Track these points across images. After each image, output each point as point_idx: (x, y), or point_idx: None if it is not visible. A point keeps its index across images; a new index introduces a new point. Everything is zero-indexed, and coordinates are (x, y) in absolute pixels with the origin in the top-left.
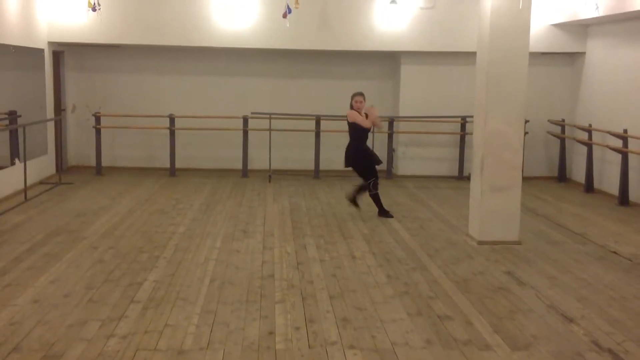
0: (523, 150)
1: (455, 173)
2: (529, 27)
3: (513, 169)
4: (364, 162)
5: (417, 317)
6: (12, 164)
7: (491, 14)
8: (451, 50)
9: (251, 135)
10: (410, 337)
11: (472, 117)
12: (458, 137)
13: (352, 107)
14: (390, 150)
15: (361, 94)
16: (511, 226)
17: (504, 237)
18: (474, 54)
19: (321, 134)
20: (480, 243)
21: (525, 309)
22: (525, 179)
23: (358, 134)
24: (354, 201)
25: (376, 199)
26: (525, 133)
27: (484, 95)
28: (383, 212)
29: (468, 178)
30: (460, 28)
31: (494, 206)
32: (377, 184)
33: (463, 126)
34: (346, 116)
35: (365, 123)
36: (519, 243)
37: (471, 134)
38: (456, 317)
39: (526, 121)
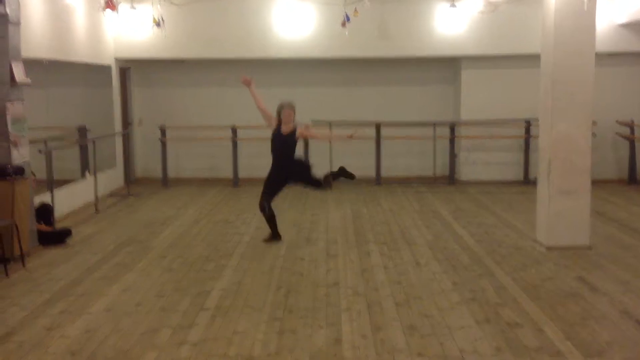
0: (591, 153)
1: (520, 177)
2: (595, 27)
3: (581, 172)
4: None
5: (485, 324)
6: (83, 177)
7: (555, 15)
8: (513, 53)
9: (312, 143)
10: (479, 344)
11: (536, 120)
12: (522, 140)
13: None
14: (453, 156)
15: (291, 107)
16: (581, 230)
17: (573, 242)
18: (536, 56)
19: (382, 140)
20: (549, 248)
21: (598, 315)
22: (593, 182)
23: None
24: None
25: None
26: (593, 135)
27: (549, 98)
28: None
29: (534, 182)
30: (521, 30)
31: (563, 210)
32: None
33: (527, 129)
34: (294, 131)
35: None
36: (589, 248)
37: (536, 137)
38: (526, 324)
39: (593, 123)
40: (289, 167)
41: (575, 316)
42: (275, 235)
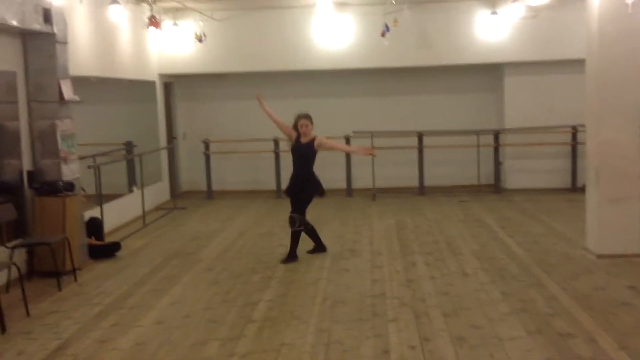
0: None
1: (568, 185)
2: None
3: (631, 179)
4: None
5: (536, 335)
6: (131, 191)
7: (599, 19)
8: (557, 58)
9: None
10: (531, 355)
11: (583, 126)
12: (569, 147)
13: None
14: (497, 164)
15: (307, 117)
16: (632, 238)
17: (625, 249)
18: (581, 61)
19: (424, 149)
20: (600, 257)
21: None
22: None
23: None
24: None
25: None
26: None
27: (595, 103)
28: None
29: (582, 189)
30: (565, 35)
31: (613, 218)
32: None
33: (574, 136)
34: (313, 141)
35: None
36: None
37: (583, 143)
38: (578, 335)
39: None
40: (305, 179)
41: (628, 326)
42: (319, 247)
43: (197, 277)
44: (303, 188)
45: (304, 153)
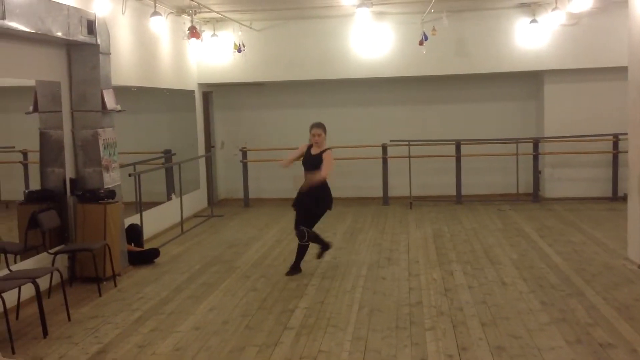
0: None
1: (609, 194)
2: None
3: None
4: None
5: (577, 345)
6: (169, 199)
7: None
8: (598, 66)
9: (390, 162)
10: None
11: (625, 134)
12: (610, 156)
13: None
14: (536, 172)
15: (320, 126)
16: None
17: None
18: (623, 68)
19: (462, 158)
20: None
21: None
22: None
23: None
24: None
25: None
26: None
27: (638, 111)
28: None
29: (623, 198)
30: (606, 42)
31: None
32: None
33: (615, 144)
34: (321, 153)
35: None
36: None
37: (625, 152)
38: (620, 345)
39: None
40: (318, 193)
41: None
42: (325, 246)
43: (234, 284)
44: (317, 203)
45: (316, 165)
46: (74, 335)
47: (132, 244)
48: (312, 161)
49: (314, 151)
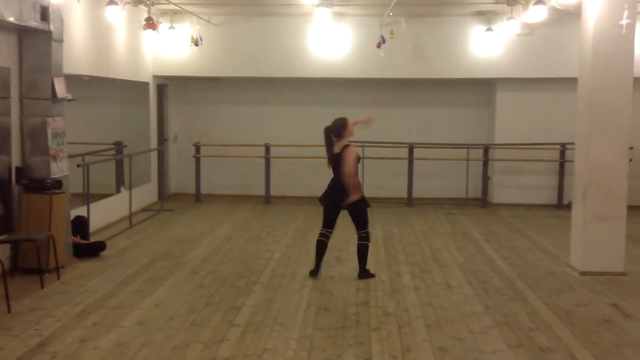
0: (628, 178)
1: (554, 201)
2: (633, 52)
3: (617, 198)
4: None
5: (517, 349)
6: (118, 191)
7: (593, 40)
8: (549, 76)
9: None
10: None
11: (572, 144)
12: (557, 164)
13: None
14: (486, 178)
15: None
16: (616, 257)
17: (608, 268)
18: (572, 79)
19: (414, 161)
20: (583, 274)
21: (632, 342)
22: (630, 207)
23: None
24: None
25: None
26: (630, 160)
27: (586, 123)
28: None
29: (568, 207)
30: (558, 54)
31: (598, 236)
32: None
33: (562, 153)
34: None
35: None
36: (624, 274)
37: (571, 161)
38: (559, 350)
39: (630, 148)
40: (339, 190)
41: (609, 343)
42: (317, 269)
43: (182, 279)
44: (359, 202)
45: (339, 163)
46: (13, 327)
47: (78, 236)
48: (336, 159)
49: (336, 149)
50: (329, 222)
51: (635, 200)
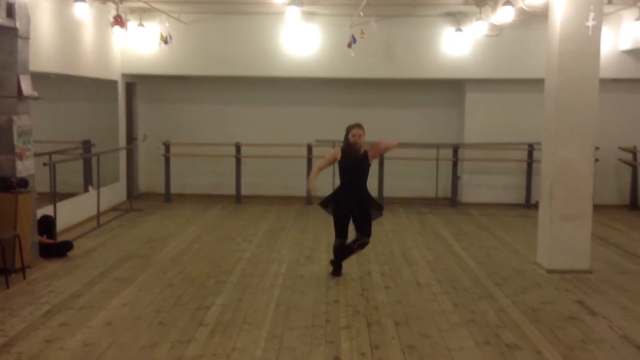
0: (593, 178)
1: (522, 201)
2: (599, 53)
3: (583, 198)
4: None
5: (485, 346)
6: (86, 191)
7: (560, 41)
8: (517, 77)
9: (315, 162)
10: None
11: (539, 144)
12: (525, 164)
13: (348, 142)
14: (455, 178)
15: (360, 127)
16: (581, 255)
17: (574, 266)
18: (541, 80)
19: (385, 161)
20: (550, 272)
21: (598, 340)
22: (595, 206)
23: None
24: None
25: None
26: (596, 160)
27: (553, 123)
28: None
29: (536, 206)
30: (526, 55)
31: (564, 235)
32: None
33: (530, 153)
34: (366, 152)
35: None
36: (589, 272)
37: (539, 161)
38: (525, 347)
39: (596, 148)
40: (367, 197)
41: (574, 340)
42: (338, 269)
43: (150, 279)
44: (366, 208)
45: (364, 167)
46: None
47: (44, 236)
48: (359, 164)
49: (356, 154)
50: (345, 231)
51: (602, 200)
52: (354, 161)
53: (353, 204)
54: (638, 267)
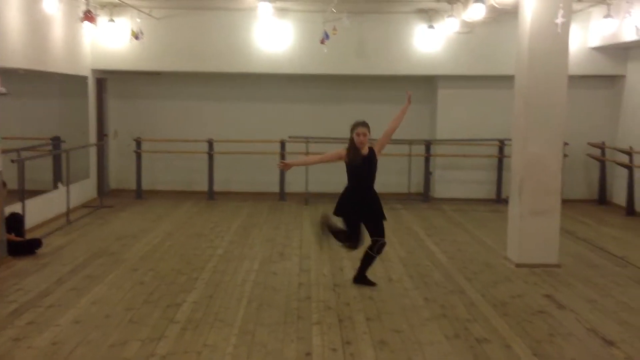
0: (563, 173)
1: (493, 196)
2: (568, 50)
3: (552, 193)
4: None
5: (455, 340)
6: (55, 188)
7: (530, 38)
8: (488, 73)
9: (288, 158)
10: None
11: (510, 140)
12: (496, 160)
13: (353, 142)
14: (427, 173)
15: (365, 125)
16: (550, 249)
17: (543, 260)
18: (511, 77)
19: None
20: (519, 266)
21: (565, 333)
22: (565, 201)
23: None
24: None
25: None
26: (565, 156)
27: (522, 119)
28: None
29: (506, 201)
30: (497, 52)
31: (533, 229)
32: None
33: (501, 149)
34: (372, 149)
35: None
36: (558, 266)
37: (509, 157)
38: (494, 340)
39: (566, 144)
40: (376, 197)
41: (542, 333)
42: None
43: (120, 277)
44: (377, 208)
45: (373, 166)
46: None
47: (12, 234)
48: (368, 164)
49: (364, 152)
50: (359, 234)
51: (571, 195)
52: (362, 161)
53: (365, 206)
54: (606, 261)
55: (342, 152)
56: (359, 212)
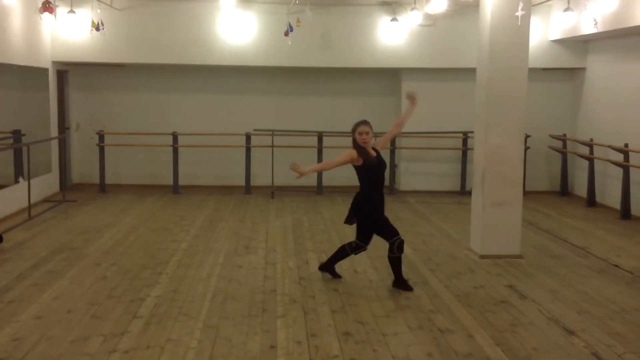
0: (525, 165)
1: (457, 188)
2: (528, 43)
3: (514, 184)
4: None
5: (418, 331)
6: (16, 182)
7: (490, 31)
8: (451, 66)
9: (254, 152)
10: (412, 350)
11: (473, 132)
12: (460, 152)
13: (357, 143)
14: (393, 166)
15: (367, 123)
16: (512, 240)
17: (505, 251)
18: (473, 70)
19: (323, 150)
20: (482, 257)
21: (527, 322)
22: (527, 193)
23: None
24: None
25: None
26: (527, 148)
27: (484, 111)
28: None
29: (470, 193)
30: (460, 45)
31: (495, 220)
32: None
33: (465, 141)
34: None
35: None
36: (520, 257)
37: (472, 149)
38: (457, 331)
39: (527, 136)
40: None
41: (504, 323)
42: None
43: (83, 272)
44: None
45: (384, 164)
46: None
47: None
48: (380, 163)
49: (372, 152)
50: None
51: (533, 186)
52: (376, 161)
53: (383, 210)
54: (567, 252)
55: (354, 154)
56: (378, 218)
